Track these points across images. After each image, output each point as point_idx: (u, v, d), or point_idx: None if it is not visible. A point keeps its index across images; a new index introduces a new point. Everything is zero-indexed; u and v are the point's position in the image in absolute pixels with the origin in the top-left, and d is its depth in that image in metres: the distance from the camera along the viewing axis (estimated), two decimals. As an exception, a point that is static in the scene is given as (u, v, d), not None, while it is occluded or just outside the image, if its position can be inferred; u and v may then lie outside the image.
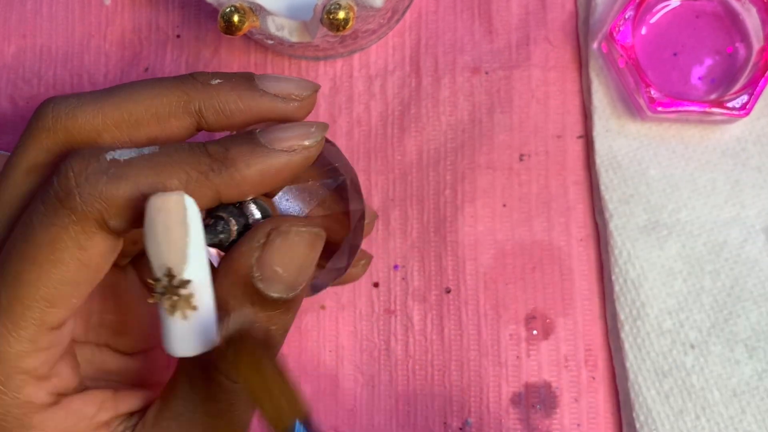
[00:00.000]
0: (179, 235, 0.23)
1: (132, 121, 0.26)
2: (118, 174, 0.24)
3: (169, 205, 0.23)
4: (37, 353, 0.25)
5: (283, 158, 0.25)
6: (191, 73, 0.27)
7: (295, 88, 0.27)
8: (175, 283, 0.23)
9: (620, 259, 0.35)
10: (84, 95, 0.27)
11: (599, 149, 0.36)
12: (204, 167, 0.24)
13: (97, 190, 0.24)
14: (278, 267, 0.25)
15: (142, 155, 0.24)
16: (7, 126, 0.38)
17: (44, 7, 0.39)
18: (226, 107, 0.26)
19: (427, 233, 0.36)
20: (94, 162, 0.24)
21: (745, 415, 0.33)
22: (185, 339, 0.23)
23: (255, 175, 0.25)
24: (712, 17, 0.36)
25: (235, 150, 0.25)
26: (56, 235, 0.24)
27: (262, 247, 0.25)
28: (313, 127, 0.26)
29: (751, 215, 0.35)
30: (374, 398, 0.35)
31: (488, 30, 0.37)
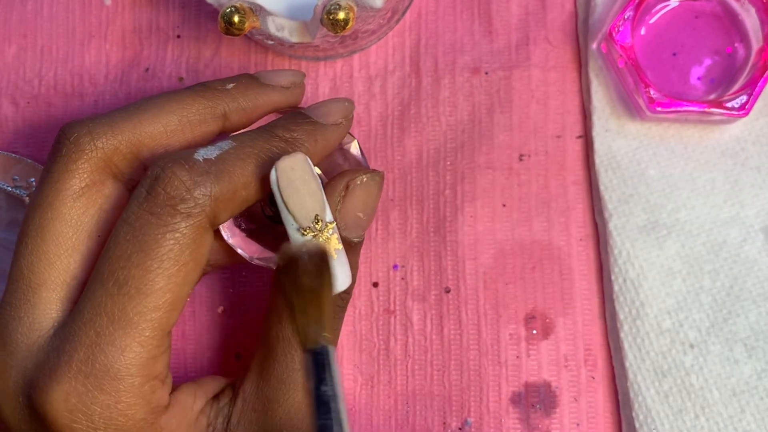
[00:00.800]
0: (316, 186, 0.26)
1: (169, 131, 0.28)
2: (220, 171, 0.26)
3: (299, 163, 0.26)
4: (161, 357, 0.26)
5: (336, 131, 0.29)
6: (204, 83, 0.29)
7: (291, 77, 0.31)
8: (322, 227, 0.26)
9: (620, 258, 0.35)
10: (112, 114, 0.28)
11: (599, 149, 0.36)
12: (279, 151, 0.27)
13: (207, 190, 0.25)
14: (360, 212, 0.28)
15: (224, 150, 0.26)
16: (8, 126, 0.38)
17: (45, 8, 0.39)
18: (246, 105, 0.29)
19: (426, 233, 0.36)
20: (194, 165, 0.26)
21: (744, 415, 0.33)
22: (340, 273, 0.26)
23: (320, 149, 0.29)
24: (712, 17, 0.36)
25: (298, 129, 0.28)
26: (178, 241, 0.25)
27: (343, 200, 0.28)
28: (346, 102, 0.30)
29: (750, 215, 0.35)
30: (373, 398, 0.35)
31: (488, 30, 0.37)
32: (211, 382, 0.29)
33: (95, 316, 0.25)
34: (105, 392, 0.25)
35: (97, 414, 0.25)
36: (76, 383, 0.25)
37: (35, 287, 0.27)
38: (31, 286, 0.27)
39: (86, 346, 0.25)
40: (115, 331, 0.25)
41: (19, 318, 0.27)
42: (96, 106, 0.38)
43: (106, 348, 0.25)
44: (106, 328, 0.25)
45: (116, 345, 0.25)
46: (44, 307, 0.27)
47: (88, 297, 0.26)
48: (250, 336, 0.36)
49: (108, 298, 0.25)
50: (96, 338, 0.25)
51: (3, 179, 0.36)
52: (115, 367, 0.25)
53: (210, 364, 0.36)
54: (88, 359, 0.25)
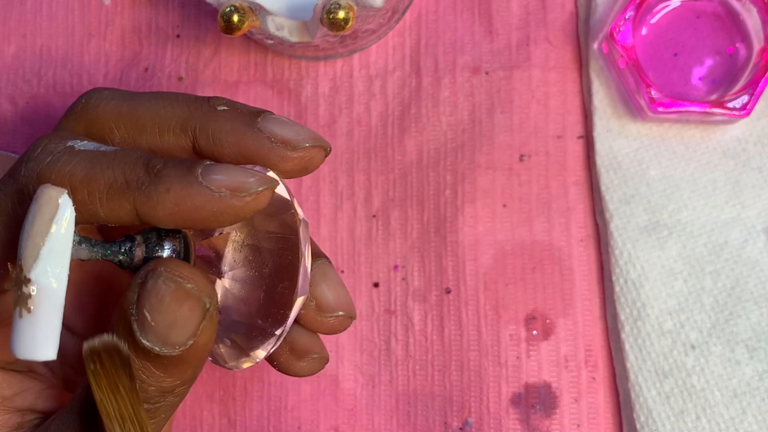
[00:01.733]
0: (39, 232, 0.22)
1: (138, 126, 0.26)
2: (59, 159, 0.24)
3: (43, 198, 0.22)
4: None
5: (205, 197, 0.23)
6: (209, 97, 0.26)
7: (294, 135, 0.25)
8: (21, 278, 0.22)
9: (621, 259, 0.35)
10: (118, 92, 0.27)
11: (600, 149, 0.35)
12: (133, 177, 0.23)
13: (38, 167, 0.24)
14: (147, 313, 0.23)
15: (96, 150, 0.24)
16: (7, 126, 0.38)
17: (44, 7, 0.39)
18: (217, 135, 0.25)
19: (427, 233, 0.36)
20: (54, 143, 0.24)
21: (745, 416, 0.33)
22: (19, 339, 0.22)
23: (170, 202, 0.23)
24: (713, 17, 0.36)
25: (167, 170, 0.23)
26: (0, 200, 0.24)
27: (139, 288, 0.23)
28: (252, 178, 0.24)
29: (751, 216, 0.35)
30: (374, 398, 0.35)
31: (488, 30, 0.37)
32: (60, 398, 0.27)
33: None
34: None
35: None
36: None
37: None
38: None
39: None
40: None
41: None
42: (95, 105, 0.38)
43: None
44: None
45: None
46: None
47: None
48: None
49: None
50: None
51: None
52: None
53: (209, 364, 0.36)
54: None
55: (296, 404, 0.35)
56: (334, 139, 0.37)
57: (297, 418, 0.35)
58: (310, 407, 0.35)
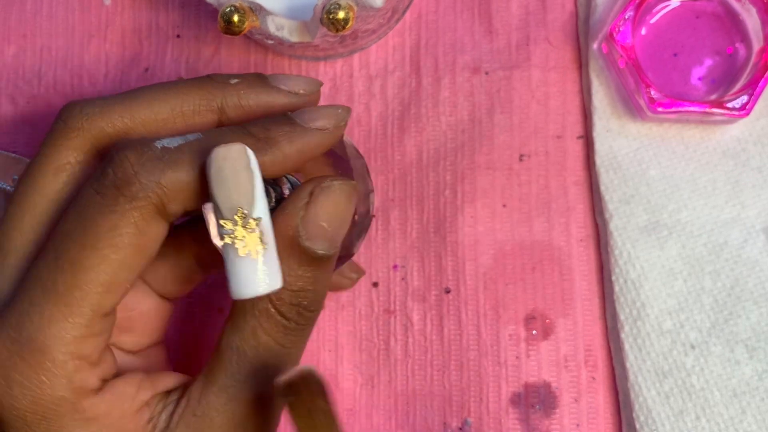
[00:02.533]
0: (247, 179, 0.25)
1: (160, 119, 0.28)
2: (173, 159, 0.25)
3: (235, 153, 0.25)
4: (92, 339, 0.26)
5: (318, 136, 0.27)
6: (209, 75, 0.29)
7: (304, 84, 0.29)
8: (246, 223, 0.24)
9: (620, 259, 0.35)
10: (109, 98, 0.28)
11: (599, 149, 0.36)
12: (249, 145, 0.26)
13: (155, 176, 0.25)
14: (324, 222, 0.26)
15: (188, 141, 0.26)
16: (8, 126, 0.38)
17: (44, 7, 0.39)
18: (245, 103, 0.28)
19: (426, 233, 0.36)
20: (148, 150, 0.25)
21: (745, 416, 0.33)
22: (254, 278, 0.25)
23: (295, 152, 0.27)
24: (712, 17, 0.36)
25: (275, 130, 0.27)
26: (117, 222, 0.25)
27: (306, 207, 0.26)
28: (339, 109, 0.28)
29: (751, 216, 0.35)
30: (373, 398, 0.35)
31: (488, 30, 0.37)
32: (167, 377, 0.29)
33: (32, 286, 0.26)
34: (26, 361, 0.25)
35: (17, 382, 0.25)
36: (2, 347, 0.25)
37: (6, 253, 0.27)
38: (3, 250, 0.27)
39: (18, 313, 0.26)
40: (45, 302, 0.25)
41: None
42: (95, 105, 0.38)
43: (35, 317, 0.25)
44: (39, 297, 0.25)
45: (44, 316, 0.25)
46: (9, 272, 0.27)
47: (32, 267, 0.26)
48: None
49: (45, 269, 0.26)
50: (28, 306, 0.25)
51: (3, 179, 0.36)
52: (39, 338, 0.25)
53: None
54: (17, 325, 0.25)
55: (296, 404, 0.35)
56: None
57: (297, 417, 0.35)
58: (309, 407, 0.35)
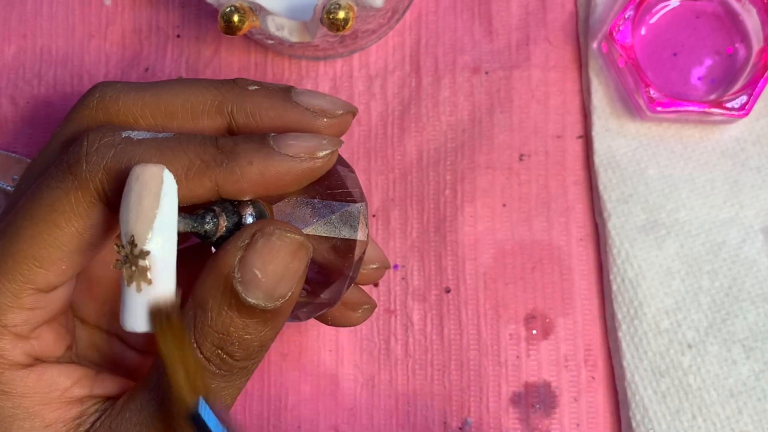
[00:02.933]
0: (149, 206, 0.23)
1: (168, 112, 0.27)
2: (126, 150, 0.25)
3: (146, 176, 0.23)
4: (18, 310, 0.26)
5: (287, 163, 0.25)
6: (233, 79, 0.28)
7: (329, 104, 0.27)
8: (135, 253, 0.23)
9: (618, 258, 0.35)
10: (130, 84, 0.28)
11: (598, 149, 0.36)
12: (208, 157, 0.25)
13: (102, 160, 0.24)
14: (258, 271, 0.24)
15: (155, 137, 0.25)
16: (8, 126, 0.38)
17: (44, 8, 0.39)
18: (256, 112, 0.27)
19: (426, 233, 0.36)
20: (109, 136, 0.25)
21: (741, 416, 0.33)
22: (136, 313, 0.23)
23: (255, 174, 0.25)
24: (712, 17, 0.36)
25: (242, 146, 0.25)
26: (57, 198, 0.25)
27: (244, 249, 0.24)
28: (325, 140, 0.26)
29: (749, 215, 0.35)
30: (374, 398, 0.36)
31: (488, 30, 0.37)
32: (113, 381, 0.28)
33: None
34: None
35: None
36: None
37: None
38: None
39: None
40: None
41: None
42: (96, 105, 0.38)
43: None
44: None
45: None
46: None
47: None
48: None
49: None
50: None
51: (3, 179, 0.36)
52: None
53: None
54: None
55: (296, 404, 0.36)
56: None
57: (297, 417, 0.36)
58: (310, 407, 0.36)
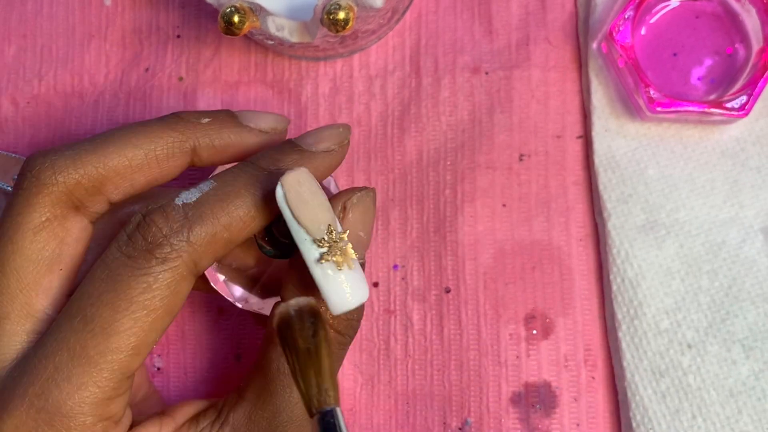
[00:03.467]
0: (323, 198, 0.26)
1: (133, 166, 0.27)
2: (197, 215, 0.25)
3: (306, 176, 0.26)
4: (118, 399, 0.26)
5: (326, 158, 0.28)
6: (177, 113, 0.28)
7: (273, 122, 0.30)
8: (335, 237, 0.25)
9: (618, 258, 0.35)
10: (76, 146, 0.27)
11: (598, 149, 0.36)
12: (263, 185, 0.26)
13: (185, 235, 0.25)
14: (361, 231, 0.27)
15: (207, 192, 0.26)
16: (8, 126, 0.38)
17: (45, 8, 0.39)
18: (218, 143, 0.28)
19: (426, 233, 0.36)
20: (172, 211, 0.25)
21: (741, 416, 0.33)
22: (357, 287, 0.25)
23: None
24: (712, 18, 0.36)
25: (285, 160, 0.27)
26: (150, 284, 0.25)
27: (342, 220, 0.27)
28: (341, 128, 0.29)
29: (749, 215, 0.35)
30: (374, 398, 0.36)
31: (488, 30, 0.37)
32: (185, 407, 0.29)
33: (57, 350, 0.25)
34: (55, 428, 0.25)
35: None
36: (27, 417, 0.25)
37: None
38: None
39: (43, 380, 0.25)
40: (73, 367, 0.25)
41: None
42: (96, 106, 0.38)
43: (62, 384, 0.25)
44: (66, 363, 0.25)
45: (72, 382, 0.25)
46: (7, 339, 0.26)
47: (53, 331, 0.26)
48: (250, 336, 0.36)
49: (72, 333, 0.25)
50: (54, 372, 0.25)
51: (3, 179, 0.36)
52: (68, 404, 0.25)
53: (210, 364, 0.36)
54: (42, 393, 0.25)
55: (297, 403, 0.36)
56: (334, 139, 0.37)
57: (298, 416, 0.36)
58: (310, 406, 0.36)
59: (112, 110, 0.37)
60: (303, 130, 0.37)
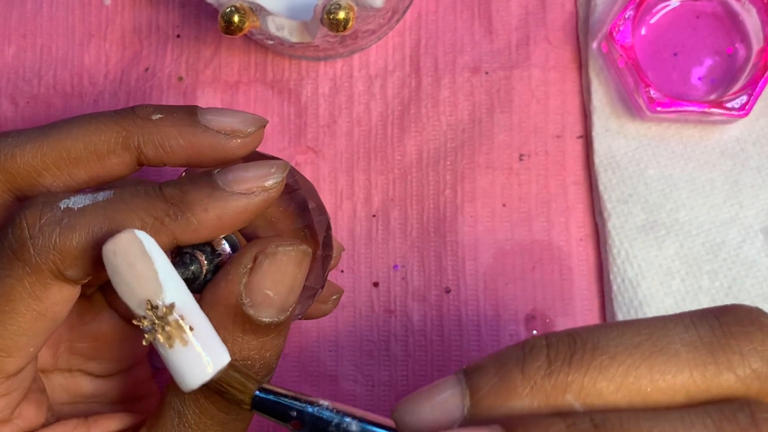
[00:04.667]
0: (145, 267, 0.22)
1: (71, 159, 0.26)
2: (72, 224, 0.24)
3: (124, 244, 0.23)
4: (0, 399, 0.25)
5: (242, 201, 0.24)
6: (132, 107, 0.27)
7: (239, 123, 0.26)
8: (160, 313, 0.22)
9: (618, 258, 0.35)
10: (22, 133, 0.26)
11: (598, 149, 0.36)
12: (160, 212, 0.24)
13: (51, 241, 0.23)
14: (269, 290, 0.24)
15: (97, 202, 0.24)
16: (8, 126, 0.38)
17: (44, 7, 0.39)
18: (165, 143, 0.26)
19: (426, 233, 0.36)
20: (48, 212, 0.24)
21: (742, 415, 0.33)
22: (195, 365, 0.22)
23: (212, 220, 0.24)
24: (712, 18, 0.36)
25: (192, 194, 0.24)
26: (11, 288, 0.24)
27: (249, 273, 0.24)
28: (273, 168, 0.25)
29: (749, 215, 0.35)
30: (374, 398, 0.36)
31: (488, 30, 0.37)
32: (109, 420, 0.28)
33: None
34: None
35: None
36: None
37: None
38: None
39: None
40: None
41: None
42: (95, 105, 0.38)
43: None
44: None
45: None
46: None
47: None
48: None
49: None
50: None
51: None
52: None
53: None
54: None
55: (297, 403, 0.36)
56: (333, 139, 0.37)
57: (298, 416, 0.36)
58: (310, 406, 0.36)
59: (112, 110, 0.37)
60: (303, 130, 0.37)
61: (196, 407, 0.25)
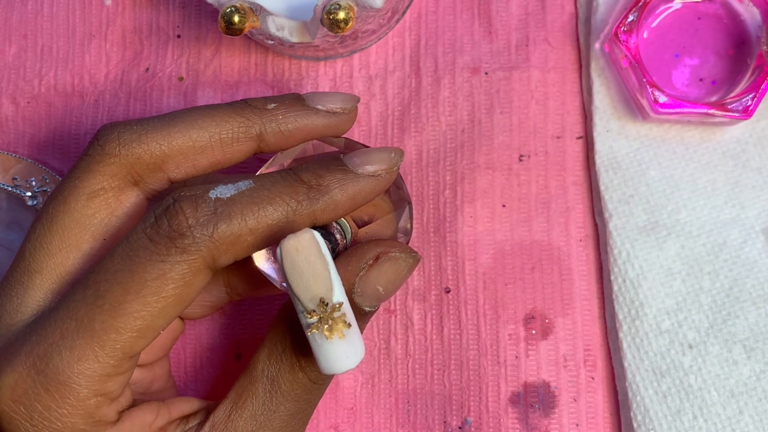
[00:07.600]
0: (322, 267, 0.25)
1: (197, 147, 0.28)
2: (226, 213, 0.25)
3: (305, 244, 0.25)
4: (117, 377, 0.26)
5: (371, 183, 0.27)
6: (244, 100, 0.29)
7: (342, 101, 0.30)
8: (329, 310, 0.25)
9: (619, 259, 0.35)
10: (145, 122, 0.28)
11: (600, 149, 0.36)
12: (301, 196, 0.26)
13: (209, 231, 0.25)
14: (380, 287, 0.27)
15: (242, 191, 0.26)
16: (8, 126, 0.38)
17: (45, 7, 0.39)
18: (285, 128, 0.28)
19: (426, 233, 0.36)
20: (202, 203, 0.25)
21: (742, 416, 0.33)
22: (347, 355, 0.25)
23: (347, 201, 0.27)
24: (715, 19, 0.36)
25: (328, 177, 0.27)
26: (166, 272, 0.25)
27: (368, 268, 0.27)
28: (392, 153, 0.28)
29: (750, 216, 0.35)
30: (374, 397, 0.36)
31: (488, 30, 0.37)
32: (183, 402, 0.29)
33: (66, 317, 0.26)
34: (50, 394, 0.25)
35: (38, 412, 0.25)
36: (27, 376, 0.25)
37: (31, 272, 0.27)
38: (29, 270, 0.27)
39: (48, 344, 0.26)
40: (78, 338, 0.25)
41: (10, 297, 0.27)
42: (96, 105, 0.38)
43: (64, 351, 0.25)
44: (71, 332, 0.25)
45: (74, 352, 0.25)
46: (34, 293, 0.27)
47: (68, 298, 0.26)
48: (250, 336, 0.36)
49: (83, 304, 0.25)
50: (59, 339, 0.25)
51: (3, 179, 0.36)
52: (66, 372, 0.25)
53: (210, 364, 0.36)
54: (45, 356, 0.25)
55: (296, 403, 0.36)
56: (334, 139, 0.37)
57: (297, 416, 0.36)
58: (310, 406, 0.36)
59: (113, 110, 0.38)
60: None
61: (291, 375, 0.27)
